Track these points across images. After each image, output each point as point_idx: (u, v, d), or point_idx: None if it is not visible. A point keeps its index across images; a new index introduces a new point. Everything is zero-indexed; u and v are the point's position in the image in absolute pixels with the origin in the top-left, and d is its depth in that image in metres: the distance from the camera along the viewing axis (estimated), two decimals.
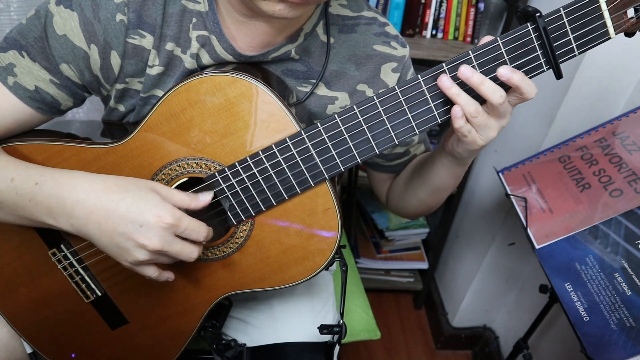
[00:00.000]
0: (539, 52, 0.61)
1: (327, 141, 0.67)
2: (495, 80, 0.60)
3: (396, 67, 0.80)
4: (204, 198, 0.69)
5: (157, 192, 0.66)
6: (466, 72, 0.60)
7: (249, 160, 0.68)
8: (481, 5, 1.44)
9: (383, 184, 0.96)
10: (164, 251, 0.65)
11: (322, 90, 0.79)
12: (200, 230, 0.67)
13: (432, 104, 0.64)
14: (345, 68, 0.79)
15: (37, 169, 0.69)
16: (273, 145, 0.67)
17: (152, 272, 0.69)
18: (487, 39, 0.61)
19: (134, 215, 0.64)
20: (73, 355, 0.87)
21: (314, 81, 0.78)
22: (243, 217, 0.73)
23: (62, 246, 0.77)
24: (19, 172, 0.68)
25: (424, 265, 1.83)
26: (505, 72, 0.59)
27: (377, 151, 0.67)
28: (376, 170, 0.94)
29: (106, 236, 0.65)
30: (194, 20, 0.72)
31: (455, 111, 0.62)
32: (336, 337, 0.86)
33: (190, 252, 0.67)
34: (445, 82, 0.61)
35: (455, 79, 0.62)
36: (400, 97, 0.64)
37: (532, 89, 0.61)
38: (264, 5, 0.62)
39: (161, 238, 0.64)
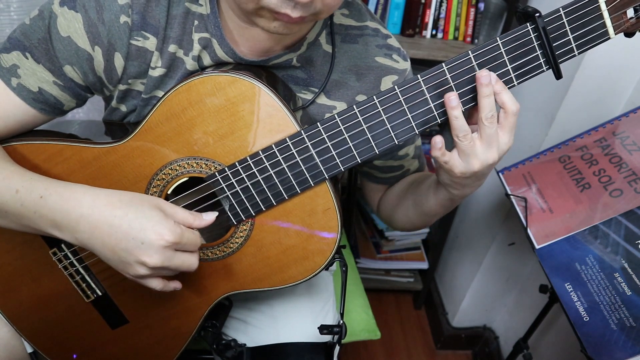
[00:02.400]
0: (538, 52, 0.61)
1: (327, 141, 0.67)
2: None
3: (396, 80, 0.80)
4: (208, 217, 0.69)
5: (160, 208, 0.66)
6: (453, 101, 0.62)
7: (249, 160, 0.69)
8: (481, 5, 1.44)
9: (375, 194, 0.97)
10: (164, 267, 0.66)
11: (321, 99, 0.79)
12: (197, 242, 0.68)
13: (431, 104, 0.64)
14: (345, 78, 0.79)
15: (41, 181, 0.69)
16: (273, 145, 0.67)
17: (156, 284, 0.69)
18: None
19: (135, 232, 0.64)
20: (75, 357, 0.87)
21: (314, 89, 0.78)
22: (243, 217, 0.73)
23: (62, 245, 0.77)
24: (24, 184, 0.68)
25: (424, 265, 1.83)
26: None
27: (377, 151, 0.67)
28: (369, 181, 0.94)
29: (109, 251, 0.65)
30: (196, 22, 0.72)
31: (435, 142, 0.64)
32: (336, 337, 0.86)
33: (191, 264, 0.68)
34: (452, 101, 0.62)
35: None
36: (400, 96, 0.64)
37: (513, 102, 0.62)
38: (260, 22, 0.63)
39: (162, 255, 0.64)
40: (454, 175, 0.67)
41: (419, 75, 0.63)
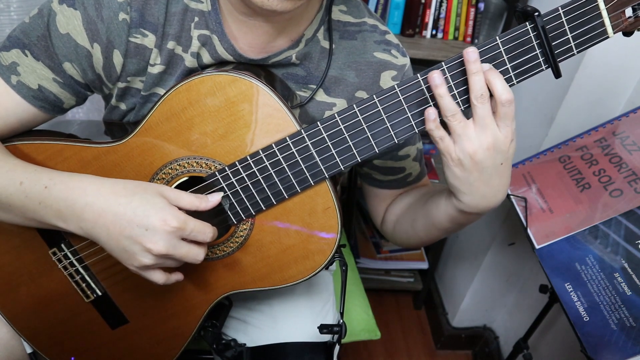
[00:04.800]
0: (537, 52, 0.61)
1: (327, 140, 0.67)
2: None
3: (396, 75, 0.80)
4: (213, 199, 0.69)
5: (164, 195, 0.66)
6: (436, 79, 0.61)
7: (249, 159, 0.69)
8: (481, 5, 1.44)
9: (378, 202, 0.93)
10: (169, 255, 0.65)
11: (320, 96, 0.79)
12: (206, 231, 0.67)
13: (431, 103, 0.64)
14: (344, 74, 0.79)
15: (45, 172, 0.69)
16: (273, 145, 0.67)
17: (159, 277, 0.69)
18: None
19: (139, 219, 0.64)
20: (73, 359, 0.87)
21: (313, 86, 0.78)
22: (243, 216, 0.73)
23: (62, 245, 0.77)
24: (28, 176, 0.68)
25: (424, 265, 1.83)
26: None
27: (376, 150, 0.67)
28: (370, 185, 0.91)
29: (113, 239, 0.65)
30: (196, 19, 0.72)
31: (429, 113, 0.63)
32: (336, 337, 0.86)
33: (196, 255, 0.67)
34: (435, 79, 0.61)
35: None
36: (400, 96, 0.64)
37: (505, 90, 0.60)
38: None
39: (167, 242, 0.64)
40: (452, 161, 0.64)
41: (418, 75, 0.63)
